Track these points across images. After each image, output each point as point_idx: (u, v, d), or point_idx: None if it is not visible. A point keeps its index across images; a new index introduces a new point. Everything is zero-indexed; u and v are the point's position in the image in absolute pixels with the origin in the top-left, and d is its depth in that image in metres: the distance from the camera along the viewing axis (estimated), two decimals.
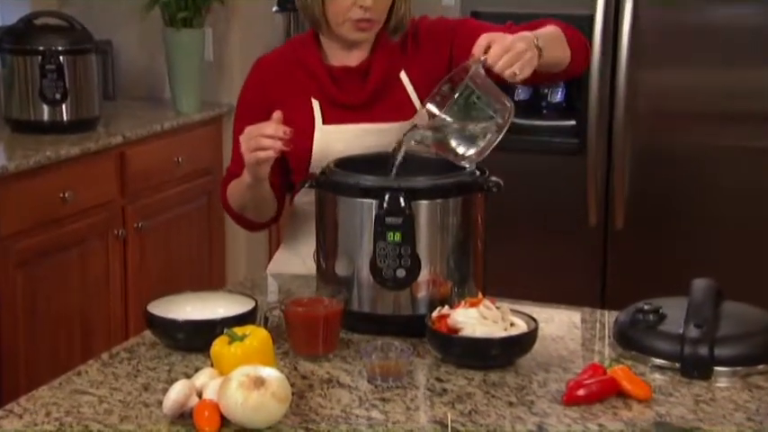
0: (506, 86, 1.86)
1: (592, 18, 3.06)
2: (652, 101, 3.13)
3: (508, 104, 1.80)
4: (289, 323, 1.70)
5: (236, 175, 2.02)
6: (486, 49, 1.79)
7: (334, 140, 2.00)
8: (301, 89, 2.02)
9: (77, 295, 3.19)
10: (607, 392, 1.54)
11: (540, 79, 1.96)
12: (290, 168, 2.07)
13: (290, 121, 1.94)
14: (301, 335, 1.69)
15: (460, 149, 1.79)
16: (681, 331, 1.65)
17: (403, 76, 2.04)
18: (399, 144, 1.83)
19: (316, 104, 2.01)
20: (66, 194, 3.11)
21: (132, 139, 3.39)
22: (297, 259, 2.09)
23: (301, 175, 1.98)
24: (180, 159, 3.59)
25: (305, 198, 2.03)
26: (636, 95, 3.11)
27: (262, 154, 1.83)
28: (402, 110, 2.02)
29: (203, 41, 3.81)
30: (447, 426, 1.46)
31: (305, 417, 1.49)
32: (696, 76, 3.08)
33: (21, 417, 1.49)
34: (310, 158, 2.01)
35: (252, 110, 2.03)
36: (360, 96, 2.01)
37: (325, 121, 2.00)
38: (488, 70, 1.79)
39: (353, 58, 2.04)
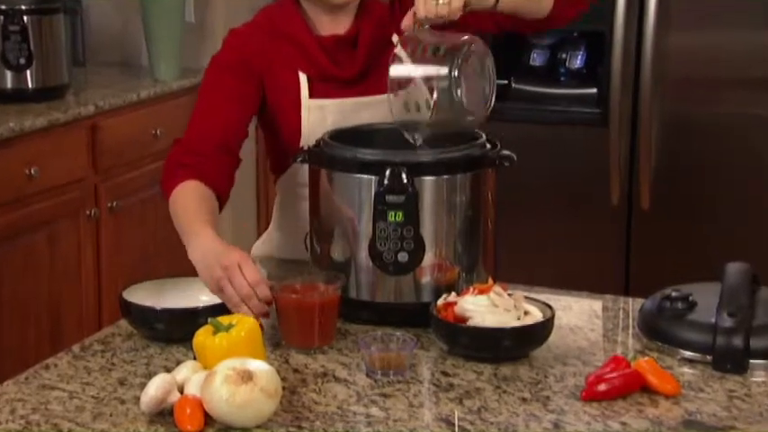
0: (520, 49, 1.84)
1: None
2: (682, 66, 3.12)
3: (468, 39, 1.79)
4: (280, 311, 1.70)
5: (189, 152, 1.95)
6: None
7: (326, 116, 1.98)
8: (286, 62, 2.01)
9: (45, 281, 3.20)
10: (631, 388, 1.54)
11: (513, 26, 2.00)
12: (276, 150, 2.06)
13: (275, 96, 1.94)
14: (294, 324, 1.69)
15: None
16: (713, 320, 1.65)
17: (395, 39, 2.03)
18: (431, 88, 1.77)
19: (303, 78, 2.00)
20: (33, 170, 3.11)
21: (105, 110, 3.38)
22: (287, 242, 2.09)
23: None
24: (158, 132, 3.59)
25: (297, 174, 2.03)
26: (664, 60, 3.11)
27: (247, 312, 1.67)
28: None
29: (184, 1, 3.80)
30: (454, 424, 1.47)
31: (297, 414, 1.49)
32: (730, 39, 3.07)
33: None
34: (300, 139, 2.00)
35: (231, 72, 1.98)
36: (352, 68, 2.01)
37: (312, 96, 2.00)
38: (437, 27, 1.80)
39: (340, 25, 2.03)
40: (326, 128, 1.94)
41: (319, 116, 1.99)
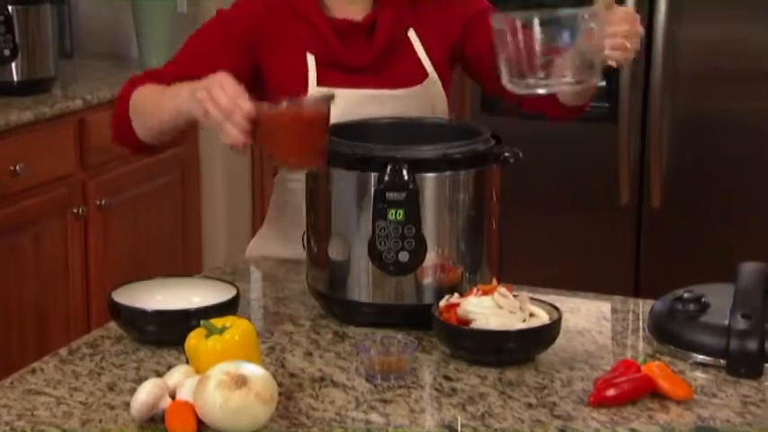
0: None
1: None
2: (694, 59, 3.12)
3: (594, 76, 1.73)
4: (269, 131, 1.66)
5: (168, 77, 1.92)
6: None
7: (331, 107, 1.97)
8: (295, 40, 1.99)
9: (31, 282, 3.20)
10: (641, 392, 1.54)
11: (552, 109, 1.98)
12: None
13: (280, 78, 1.92)
14: (284, 141, 1.66)
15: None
16: (726, 323, 1.65)
17: (412, 34, 2.04)
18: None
19: (311, 60, 1.99)
20: (18, 167, 3.11)
21: (94, 104, 3.39)
22: (285, 240, 2.09)
23: None
24: None
25: (289, 175, 2.03)
26: (675, 53, 3.11)
27: (230, 130, 1.68)
28: (411, 74, 2.02)
29: None
30: (456, 430, 1.47)
31: (293, 420, 1.49)
32: (744, 31, 3.08)
33: None
34: None
35: (234, 28, 1.97)
36: (365, 57, 2.00)
37: (319, 83, 1.99)
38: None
39: (357, 11, 2.02)
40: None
41: None
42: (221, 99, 1.69)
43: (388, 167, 1.72)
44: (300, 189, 1.89)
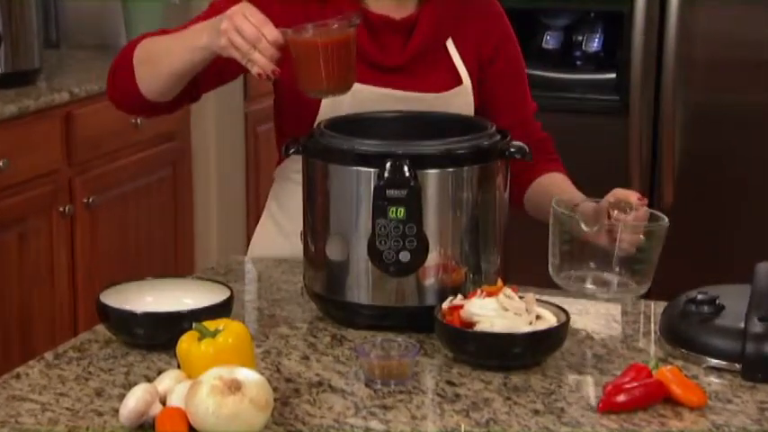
0: (532, 31, 1.83)
1: None
2: (709, 49, 3.12)
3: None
4: (297, 56, 1.71)
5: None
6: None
7: (350, 105, 1.95)
8: None
9: (15, 284, 3.20)
10: (652, 398, 1.55)
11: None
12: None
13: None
14: (313, 65, 1.70)
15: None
16: (742, 325, 1.65)
17: (450, 45, 2.05)
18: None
19: None
20: (1, 163, 3.12)
21: (81, 97, 3.39)
22: (285, 238, 2.09)
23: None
24: (139, 121, 3.59)
25: (292, 165, 2.03)
26: (689, 42, 3.11)
27: (258, 58, 1.73)
28: (444, 80, 2.04)
29: None
30: None
31: (290, 427, 1.49)
32: (764, 17, 3.07)
33: None
34: (316, 115, 1.99)
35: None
36: (397, 57, 2.00)
37: None
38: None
39: (398, 9, 2.02)
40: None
41: (342, 104, 1.94)
42: (246, 28, 1.72)
43: (389, 163, 1.73)
44: (299, 185, 1.89)
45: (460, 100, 2.05)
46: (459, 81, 2.05)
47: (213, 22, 1.81)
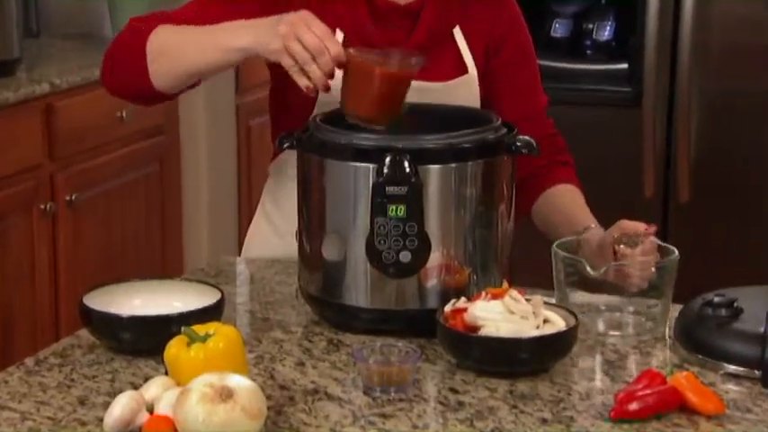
0: (540, 19, 1.84)
1: None
2: (727, 36, 3.13)
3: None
4: (352, 76, 1.73)
5: (181, 21, 1.93)
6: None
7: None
8: (324, 10, 1.93)
9: None
10: (667, 406, 1.55)
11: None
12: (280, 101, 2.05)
13: None
14: (367, 91, 1.73)
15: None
16: (761, 330, 1.66)
17: (457, 32, 2.05)
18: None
19: (339, 37, 1.97)
20: None
21: (63, 88, 3.39)
22: (275, 236, 2.09)
23: (296, 122, 1.94)
24: (124, 114, 3.59)
25: (290, 159, 2.02)
26: (706, 29, 3.11)
27: (315, 72, 1.73)
28: (449, 69, 2.04)
29: None
30: None
31: None
32: None
33: None
34: (313, 107, 1.98)
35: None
36: (404, 44, 2.00)
37: None
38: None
39: None
40: None
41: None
42: (309, 38, 1.73)
43: (388, 158, 1.73)
44: (294, 180, 1.89)
45: (466, 90, 2.05)
46: (464, 70, 2.06)
47: (258, 23, 1.81)
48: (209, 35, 1.88)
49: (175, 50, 1.92)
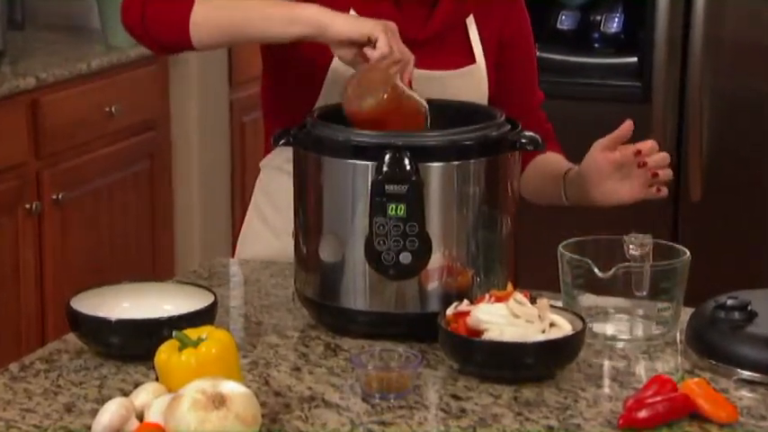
0: (546, 10, 1.85)
1: None
2: (739, 30, 3.13)
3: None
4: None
5: None
6: None
7: None
8: None
9: None
10: (677, 414, 1.55)
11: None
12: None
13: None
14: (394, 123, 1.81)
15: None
16: None
17: (470, 21, 2.06)
18: None
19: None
20: None
21: (48, 82, 3.39)
22: (269, 235, 2.09)
23: (297, 112, 1.93)
24: (113, 109, 3.59)
25: (284, 153, 2.02)
26: (718, 22, 3.11)
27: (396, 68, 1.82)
28: (456, 58, 2.05)
29: None
30: None
31: None
32: None
33: None
34: (319, 91, 1.99)
35: None
36: (424, 30, 2.02)
37: None
38: None
39: None
40: None
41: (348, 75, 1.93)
42: (401, 47, 1.84)
43: (388, 156, 1.73)
44: (290, 178, 1.89)
45: (472, 81, 2.05)
46: (472, 60, 2.06)
47: (352, 16, 1.90)
48: (280, 6, 1.89)
49: (236, 10, 1.92)
